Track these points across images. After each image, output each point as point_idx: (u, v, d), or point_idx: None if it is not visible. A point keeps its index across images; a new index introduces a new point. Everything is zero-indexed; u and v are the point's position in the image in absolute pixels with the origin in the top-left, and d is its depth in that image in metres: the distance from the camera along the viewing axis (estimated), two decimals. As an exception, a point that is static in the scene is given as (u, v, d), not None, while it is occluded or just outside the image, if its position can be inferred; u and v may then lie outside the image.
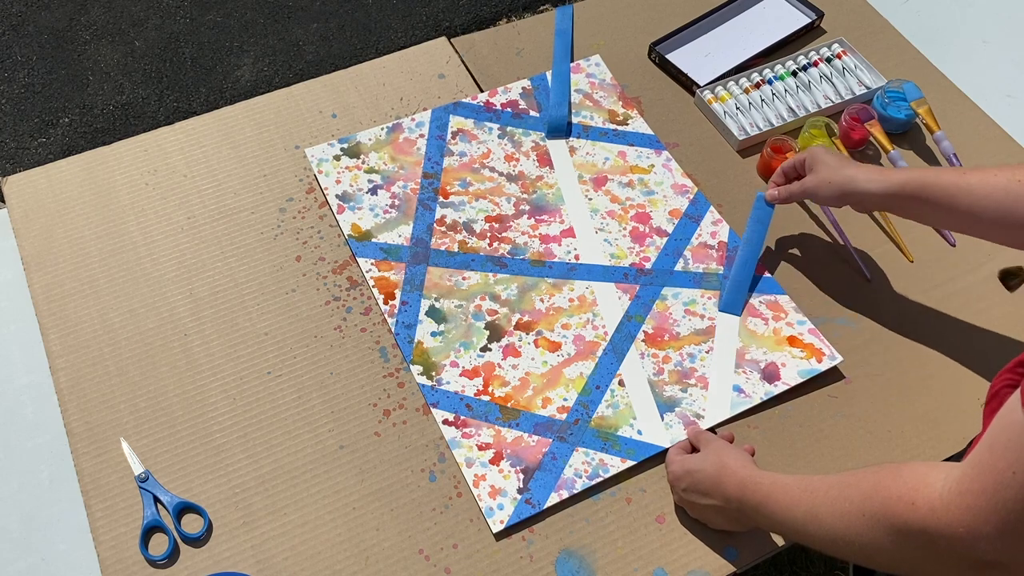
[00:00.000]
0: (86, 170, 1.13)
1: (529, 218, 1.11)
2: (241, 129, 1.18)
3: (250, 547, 0.87)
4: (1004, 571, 0.60)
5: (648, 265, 1.07)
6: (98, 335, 0.99)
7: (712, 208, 1.12)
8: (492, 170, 1.15)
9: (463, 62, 1.27)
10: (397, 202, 1.11)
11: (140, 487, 0.89)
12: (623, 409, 0.96)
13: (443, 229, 1.09)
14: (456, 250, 1.07)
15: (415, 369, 0.98)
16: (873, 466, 0.70)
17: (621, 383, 0.98)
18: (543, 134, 1.19)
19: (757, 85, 1.24)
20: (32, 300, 1.02)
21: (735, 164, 1.18)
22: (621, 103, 1.22)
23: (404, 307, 1.02)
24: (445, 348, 1.00)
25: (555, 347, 1.00)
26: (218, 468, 0.91)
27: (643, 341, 1.01)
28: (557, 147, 1.18)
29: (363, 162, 1.14)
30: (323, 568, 0.86)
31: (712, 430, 0.95)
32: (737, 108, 1.22)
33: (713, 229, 1.10)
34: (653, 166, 1.16)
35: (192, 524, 0.88)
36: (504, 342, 1.00)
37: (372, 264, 1.06)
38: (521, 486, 0.91)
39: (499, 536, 0.88)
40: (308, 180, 1.13)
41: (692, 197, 1.13)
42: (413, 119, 1.19)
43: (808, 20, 1.32)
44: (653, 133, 1.19)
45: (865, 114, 1.17)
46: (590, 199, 1.13)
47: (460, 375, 0.98)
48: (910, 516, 0.63)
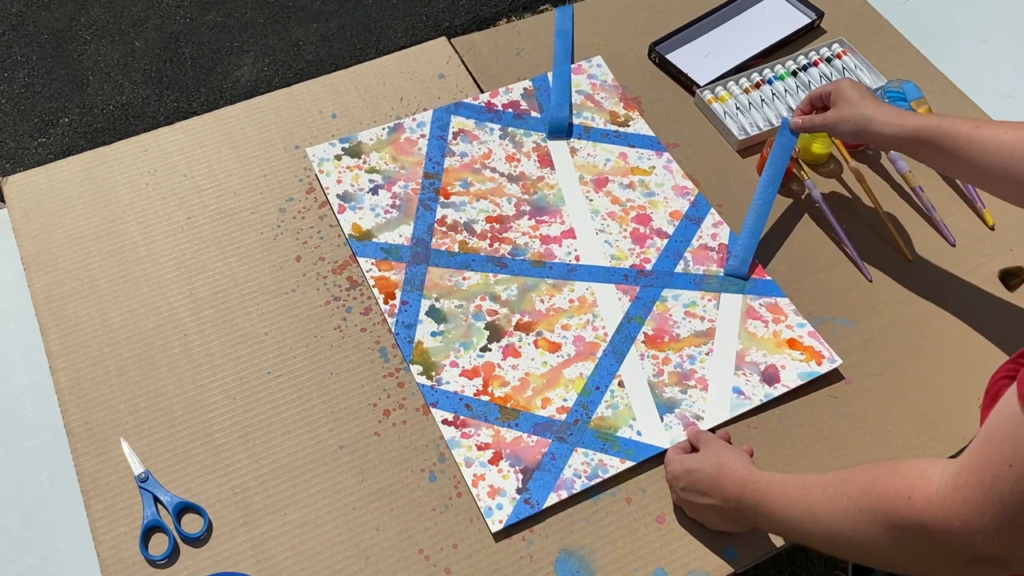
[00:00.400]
0: (86, 170, 1.13)
1: (530, 219, 1.11)
2: (241, 129, 1.18)
3: (250, 547, 0.87)
4: (1001, 565, 0.60)
5: (648, 267, 1.07)
6: (98, 335, 0.99)
7: (713, 210, 1.12)
8: (493, 170, 1.15)
9: (463, 62, 1.27)
10: (398, 202, 1.11)
11: (140, 487, 0.89)
12: (623, 410, 0.96)
13: (444, 229, 1.09)
14: (456, 250, 1.07)
15: (415, 369, 0.98)
16: (871, 463, 0.70)
17: (621, 384, 0.98)
18: (544, 135, 1.19)
19: (757, 85, 1.24)
20: (32, 300, 1.02)
21: (735, 164, 1.18)
22: (622, 104, 1.22)
23: (404, 307, 1.02)
24: (445, 348, 1.00)
25: (555, 348, 1.00)
26: (218, 468, 0.91)
27: (643, 342, 1.01)
28: (558, 148, 1.18)
29: (364, 162, 1.14)
30: (323, 568, 0.86)
31: (711, 431, 0.95)
32: (737, 108, 1.22)
33: (714, 231, 1.10)
34: (654, 168, 1.16)
35: (192, 524, 0.88)
36: (504, 342, 1.00)
37: (372, 264, 1.06)
38: (520, 486, 0.91)
39: (499, 536, 0.88)
40: (308, 180, 1.13)
41: (693, 199, 1.13)
42: (414, 119, 1.19)
43: (808, 20, 1.32)
44: (654, 135, 1.19)
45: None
46: (591, 200, 1.13)
47: (460, 375, 0.98)
48: (907, 511, 0.63)
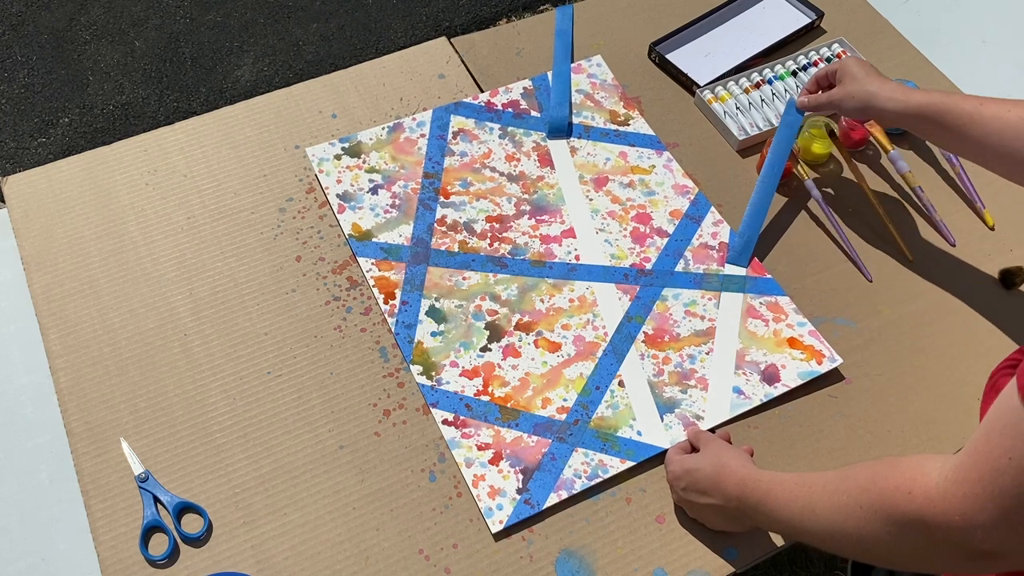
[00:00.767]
0: (86, 170, 1.13)
1: (530, 218, 1.11)
2: (241, 129, 1.18)
3: (250, 547, 0.87)
4: (1001, 560, 0.60)
5: (648, 266, 1.07)
6: (98, 335, 0.99)
7: (713, 209, 1.12)
8: (493, 170, 1.15)
9: (463, 62, 1.27)
10: (398, 202, 1.11)
11: (140, 487, 0.89)
12: (623, 410, 0.96)
13: (444, 229, 1.09)
14: (456, 250, 1.07)
15: (415, 369, 0.98)
16: (871, 460, 0.70)
17: (621, 384, 0.98)
18: (544, 134, 1.19)
19: (757, 85, 1.24)
20: (32, 300, 1.02)
21: (735, 164, 1.18)
22: (622, 104, 1.22)
23: (404, 307, 1.02)
24: (445, 348, 1.00)
25: (555, 347, 1.00)
26: (218, 468, 0.91)
27: (643, 342, 1.01)
28: (558, 147, 1.18)
29: (364, 162, 1.14)
30: (323, 568, 0.86)
31: (711, 431, 0.95)
32: (737, 108, 1.22)
33: (714, 230, 1.10)
34: (654, 167, 1.16)
35: (192, 524, 0.88)
36: (504, 342, 1.00)
37: (372, 264, 1.06)
38: (520, 486, 0.91)
39: (499, 536, 0.88)
40: (308, 180, 1.13)
41: (693, 198, 1.13)
42: (414, 119, 1.19)
43: (808, 20, 1.32)
44: (654, 134, 1.19)
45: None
46: (591, 199, 1.13)
47: (460, 375, 0.98)
48: (907, 506, 0.63)
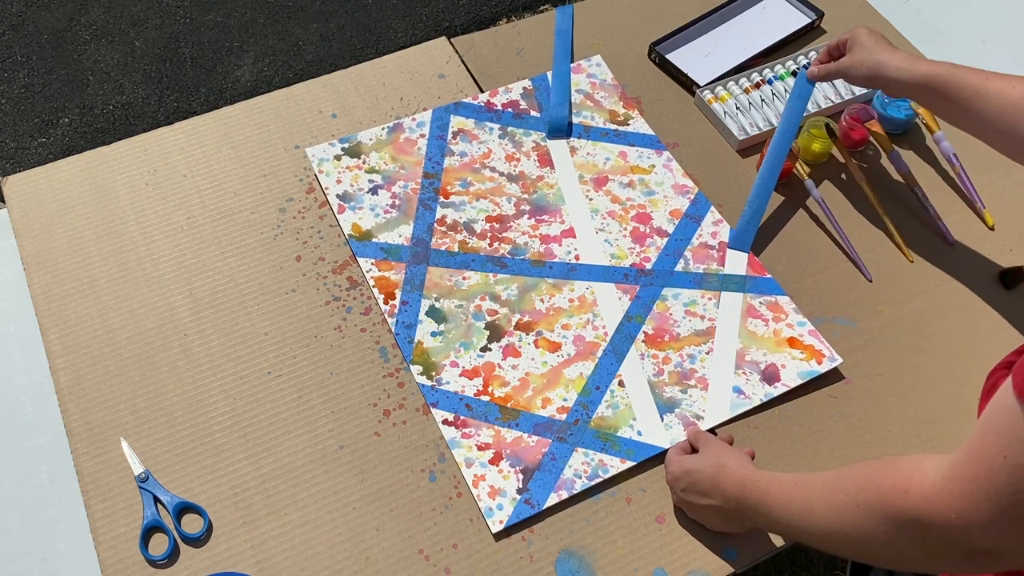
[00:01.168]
0: (86, 170, 1.13)
1: (529, 218, 1.11)
2: (241, 129, 1.18)
3: (250, 547, 0.87)
4: (997, 558, 0.60)
5: (648, 265, 1.07)
6: (98, 335, 0.99)
7: (713, 208, 1.12)
8: (493, 170, 1.15)
9: (463, 62, 1.27)
10: (398, 202, 1.11)
11: (140, 487, 0.89)
12: (623, 410, 0.96)
13: (443, 229, 1.09)
14: (456, 250, 1.07)
15: (415, 369, 0.98)
16: (869, 459, 0.70)
17: (621, 384, 0.98)
18: (544, 134, 1.19)
19: (757, 85, 1.24)
20: (32, 300, 1.02)
21: (735, 164, 1.18)
22: (622, 103, 1.22)
23: (404, 307, 1.02)
24: (445, 348, 1.00)
25: (555, 347, 1.00)
26: (218, 468, 0.91)
27: (643, 342, 1.01)
28: (558, 147, 1.18)
29: (364, 162, 1.14)
30: (323, 568, 0.86)
31: (712, 431, 0.95)
32: (737, 108, 1.22)
33: (714, 229, 1.10)
34: (654, 166, 1.16)
35: (192, 524, 0.88)
36: (504, 342, 1.00)
37: (372, 264, 1.06)
38: (520, 486, 0.91)
39: (499, 536, 0.88)
40: (308, 180, 1.13)
41: (693, 197, 1.13)
42: (414, 119, 1.19)
43: (808, 20, 1.32)
44: (654, 133, 1.19)
45: (865, 114, 1.17)
46: (591, 199, 1.13)
47: (460, 375, 0.98)
48: (903, 504, 0.63)
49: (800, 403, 0.98)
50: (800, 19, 1.33)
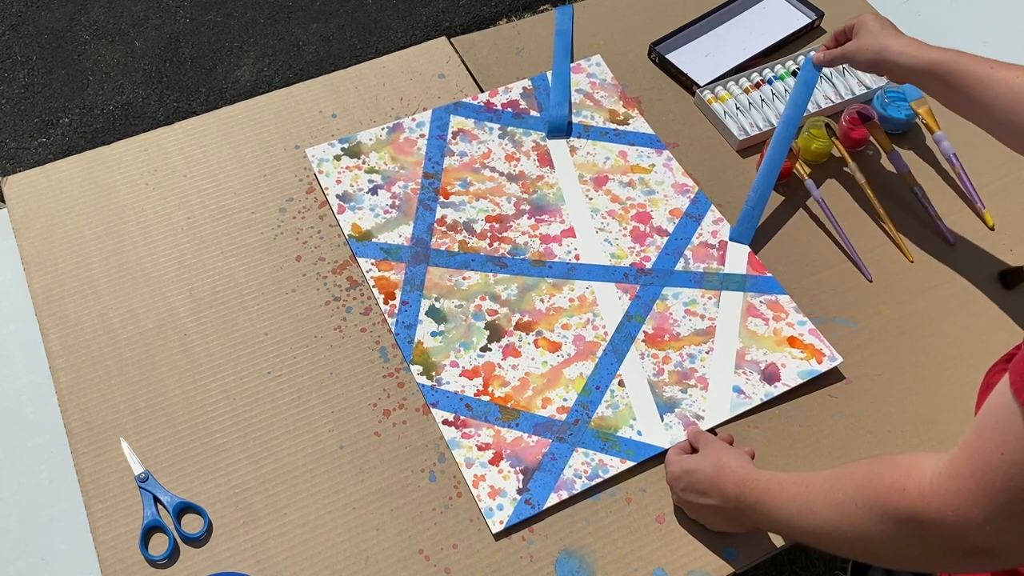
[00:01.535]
0: (86, 170, 1.13)
1: (529, 218, 1.11)
2: (241, 129, 1.18)
3: (250, 547, 0.87)
4: (995, 557, 0.60)
5: (648, 265, 1.07)
6: (98, 335, 0.99)
7: (713, 207, 1.12)
8: (492, 170, 1.15)
9: (463, 62, 1.27)
10: (397, 202, 1.11)
11: (140, 487, 0.89)
12: (623, 410, 0.96)
13: (443, 229, 1.09)
14: (456, 250, 1.07)
15: (415, 369, 0.98)
16: (868, 458, 0.70)
17: (621, 383, 0.98)
18: (544, 134, 1.19)
19: (757, 85, 1.24)
20: (32, 300, 1.02)
21: (735, 164, 1.18)
22: (622, 103, 1.22)
23: (404, 307, 1.02)
24: (445, 348, 1.00)
25: (555, 347, 1.00)
26: (218, 468, 0.91)
27: (643, 341, 1.01)
28: (558, 147, 1.18)
29: (364, 162, 1.14)
30: (323, 568, 0.86)
31: (712, 431, 0.95)
32: (737, 108, 1.22)
33: (714, 228, 1.10)
34: (654, 166, 1.16)
35: (192, 524, 0.88)
36: (504, 342, 1.00)
37: (372, 264, 1.06)
38: (520, 486, 0.91)
39: (499, 536, 0.88)
40: (308, 180, 1.13)
41: (693, 196, 1.13)
42: (414, 119, 1.19)
43: (808, 20, 1.32)
44: (654, 133, 1.19)
45: (865, 114, 1.17)
46: (591, 199, 1.13)
47: (460, 375, 0.98)
48: (901, 503, 0.63)
49: (800, 403, 0.98)
50: (800, 19, 1.33)
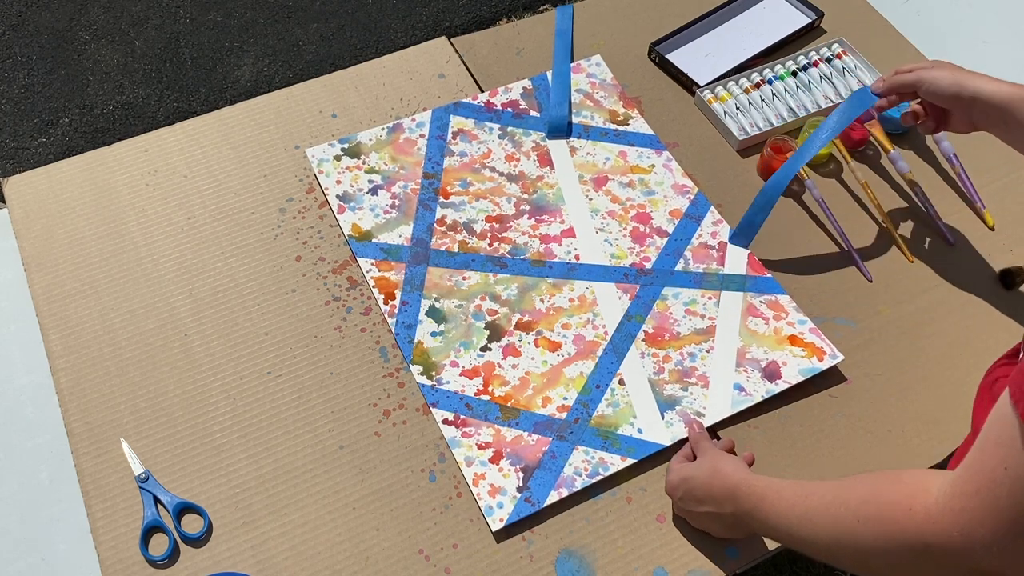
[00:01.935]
0: (86, 170, 1.13)
1: (529, 218, 1.11)
2: (241, 129, 1.18)
3: (250, 547, 0.87)
4: None
5: (648, 265, 1.07)
6: (98, 335, 0.99)
7: (712, 208, 1.12)
8: (492, 170, 1.15)
9: (463, 62, 1.27)
10: (397, 202, 1.11)
11: (140, 487, 0.89)
12: (623, 408, 0.96)
13: (443, 229, 1.09)
14: (456, 250, 1.07)
15: (415, 369, 0.98)
16: (872, 472, 0.69)
17: (621, 382, 0.98)
18: (544, 134, 1.19)
19: (757, 85, 1.24)
20: (32, 300, 1.02)
21: (735, 164, 1.18)
22: (622, 103, 1.22)
23: (404, 307, 1.02)
24: (445, 348, 1.00)
25: (555, 347, 1.00)
26: (218, 468, 0.91)
27: (643, 341, 1.01)
28: (558, 147, 1.18)
29: (363, 162, 1.14)
30: (323, 568, 0.86)
31: (713, 431, 0.95)
32: (737, 108, 1.22)
33: (714, 229, 1.10)
34: (654, 166, 1.16)
35: (192, 524, 0.88)
36: (504, 342, 1.00)
37: (372, 264, 1.06)
38: (521, 484, 0.91)
39: (499, 536, 0.88)
40: (308, 180, 1.13)
41: (693, 197, 1.13)
42: (413, 119, 1.19)
43: (808, 20, 1.32)
44: (654, 133, 1.19)
45: (865, 114, 1.17)
46: (590, 199, 1.13)
47: (460, 375, 0.98)
48: (907, 522, 0.61)
49: (800, 403, 0.98)
50: (800, 19, 1.33)
